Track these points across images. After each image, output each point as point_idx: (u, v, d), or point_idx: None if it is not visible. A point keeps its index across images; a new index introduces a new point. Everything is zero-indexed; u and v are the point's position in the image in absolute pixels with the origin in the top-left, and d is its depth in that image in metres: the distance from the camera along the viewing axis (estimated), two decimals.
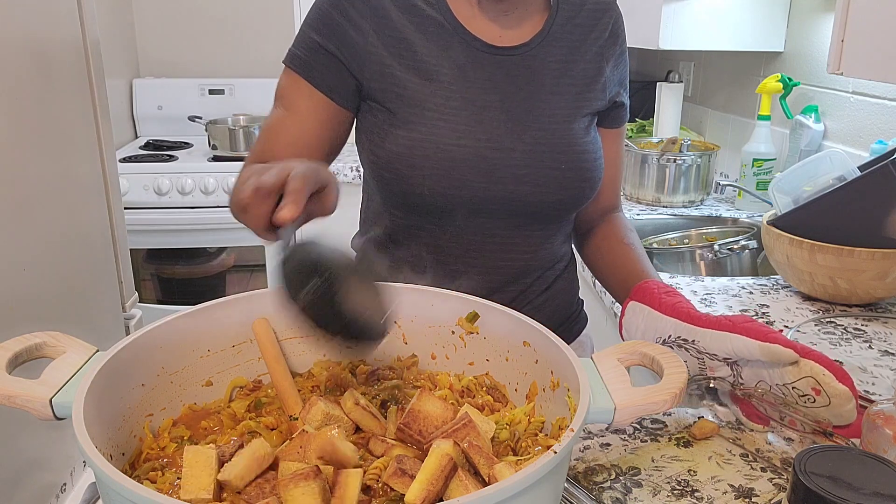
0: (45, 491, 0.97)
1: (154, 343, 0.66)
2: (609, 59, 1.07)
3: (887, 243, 1.21)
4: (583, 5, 1.05)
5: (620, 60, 1.09)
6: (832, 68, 1.20)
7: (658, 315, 0.90)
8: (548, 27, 1.02)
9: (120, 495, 0.46)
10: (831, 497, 0.52)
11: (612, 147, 1.11)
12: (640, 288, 0.94)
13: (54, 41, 1.16)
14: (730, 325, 0.83)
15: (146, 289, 2.74)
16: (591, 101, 1.04)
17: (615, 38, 1.08)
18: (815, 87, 1.94)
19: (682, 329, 0.86)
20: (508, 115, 0.98)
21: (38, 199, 1.10)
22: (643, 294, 0.93)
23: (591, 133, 1.05)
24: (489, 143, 0.97)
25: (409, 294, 0.76)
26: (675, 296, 0.91)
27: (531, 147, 0.99)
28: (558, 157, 1.00)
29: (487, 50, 0.99)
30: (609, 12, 1.07)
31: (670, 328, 0.88)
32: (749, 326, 0.82)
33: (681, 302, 0.89)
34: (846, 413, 0.78)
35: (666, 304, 0.90)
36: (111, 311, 1.41)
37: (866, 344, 1.15)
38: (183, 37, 3.17)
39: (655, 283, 0.94)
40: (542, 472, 0.48)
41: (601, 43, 1.05)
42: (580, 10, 1.05)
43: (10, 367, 0.58)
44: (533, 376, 0.69)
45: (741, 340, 0.81)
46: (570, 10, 1.04)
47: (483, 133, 0.97)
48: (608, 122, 1.10)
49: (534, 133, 0.99)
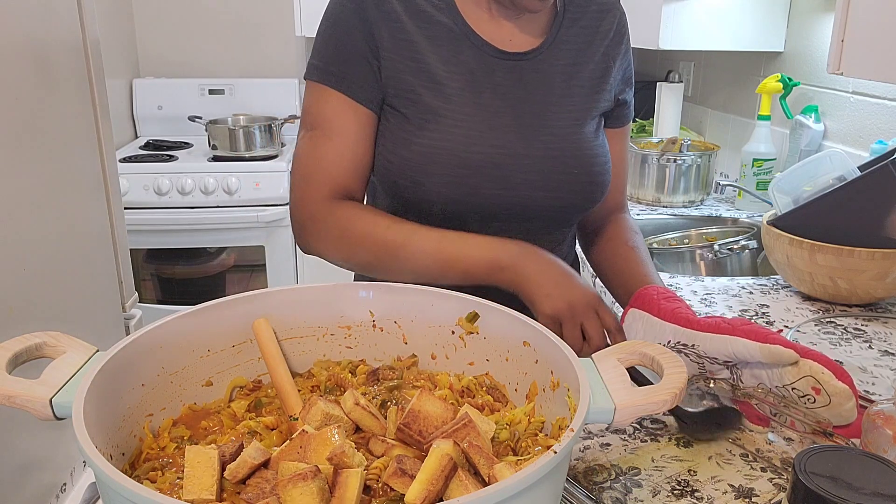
0: (45, 491, 0.97)
1: (154, 343, 0.66)
2: (615, 58, 1.06)
3: (887, 243, 1.21)
4: (587, 7, 1.05)
5: (625, 58, 1.09)
6: (832, 68, 1.20)
7: (657, 321, 0.90)
8: (555, 31, 1.02)
9: (120, 495, 0.46)
10: (831, 497, 0.52)
11: (616, 147, 1.11)
12: (640, 295, 0.94)
13: (54, 41, 1.16)
14: (729, 329, 0.83)
15: (146, 289, 2.74)
16: (599, 102, 1.04)
17: (620, 36, 1.07)
18: (815, 87, 1.94)
19: (681, 334, 0.86)
20: (520, 121, 0.98)
21: (38, 199, 1.10)
22: (643, 301, 0.93)
23: (599, 136, 1.05)
24: (502, 149, 0.96)
25: (409, 294, 0.76)
26: (674, 301, 0.91)
27: (543, 153, 0.98)
28: (570, 162, 1.00)
29: (498, 55, 0.98)
30: (613, 12, 1.07)
31: (669, 333, 0.88)
32: (749, 329, 0.82)
33: (680, 307, 0.89)
34: (846, 412, 0.78)
35: (665, 309, 0.90)
36: (111, 311, 1.41)
37: (866, 344, 1.15)
38: (183, 37, 3.17)
39: (655, 288, 0.94)
40: (542, 472, 0.48)
41: (607, 43, 1.05)
42: (585, 12, 1.04)
43: (10, 367, 0.58)
44: (533, 376, 0.69)
45: (741, 342, 0.81)
46: (576, 12, 1.04)
47: (496, 140, 0.96)
48: (613, 121, 1.10)
49: (545, 138, 0.99)
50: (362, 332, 0.77)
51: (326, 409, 0.62)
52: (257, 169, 2.66)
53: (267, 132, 2.77)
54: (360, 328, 0.77)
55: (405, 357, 0.78)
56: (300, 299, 0.75)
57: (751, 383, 0.84)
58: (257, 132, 2.75)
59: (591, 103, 1.03)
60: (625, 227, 1.11)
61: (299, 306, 0.75)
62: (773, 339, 0.81)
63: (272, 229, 2.69)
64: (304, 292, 0.76)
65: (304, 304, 0.75)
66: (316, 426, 0.61)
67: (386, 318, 0.77)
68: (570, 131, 1.00)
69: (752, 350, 0.80)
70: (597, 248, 1.13)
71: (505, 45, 0.99)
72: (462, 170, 0.95)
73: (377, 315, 0.77)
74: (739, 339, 0.81)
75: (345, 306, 0.77)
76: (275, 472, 0.55)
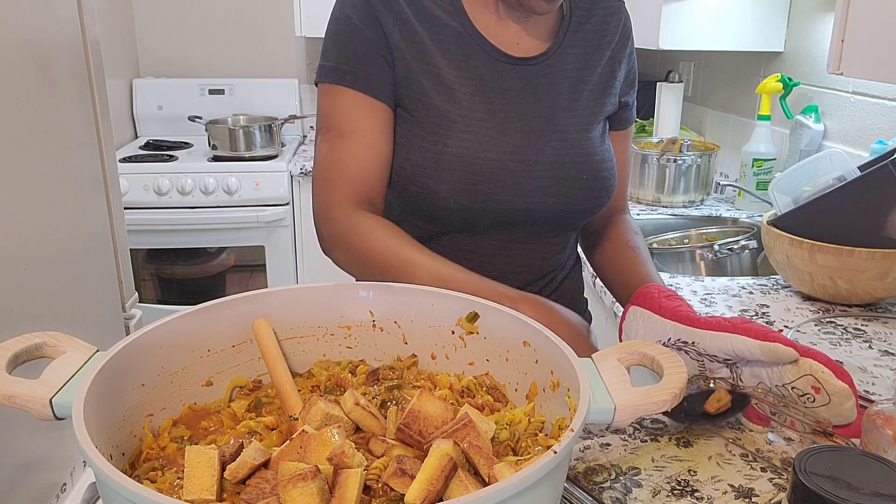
0: (45, 491, 0.97)
1: (154, 343, 0.66)
2: (621, 61, 1.06)
3: (887, 243, 1.21)
4: (593, 10, 1.04)
5: (630, 60, 1.09)
6: (832, 68, 1.20)
7: (657, 318, 0.90)
8: (562, 35, 1.01)
9: (120, 495, 0.46)
10: (831, 497, 0.52)
11: (619, 149, 1.11)
12: (641, 293, 0.94)
13: (54, 41, 1.16)
14: (729, 327, 0.83)
15: (146, 289, 2.74)
16: (605, 105, 1.04)
17: (625, 39, 1.07)
18: (815, 87, 1.94)
19: (681, 331, 0.86)
20: (529, 126, 0.97)
21: (38, 199, 1.10)
22: (644, 298, 0.93)
23: (605, 140, 1.05)
24: (513, 155, 0.96)
25: (409, 294, 0.76)
26: (675, 300, 0.91)
27: (553, 158, 0.98)
28: (579, 168, 1.00)
29: (507, 60, 0.97)
30: (619, 14, 1.07)
31: (670, 331, 0.88)
32: (748, 327, 0.82)
33: (681, 306, 0.89)
34: (846, 411, 0.78)
35: (666, 307, 0.90)
36: (111, 311, 1.40)
37: (866, 344, 1.15)
38: (183, 37, 3.17)
39: (657, 287, 0.94)
40: (542, 472, 0.48)
41: (613, 46, 1.05)
42: (591, 15, 1.04)
43: (10, 367, 0.58)
44: (533, 376, 0.69)
45: (741, 340, 0.81)
46: (582, 16, 1.03)
47: (507, 145, 0.96)
48: (616, 123, 1.10)
49: (555, 144, 0.98)
50: (362, 332, 0.77)
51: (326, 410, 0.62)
52: (257, 169, 2.66)
53: (267, 132, 2.77)
54: (360, 328, 0.77)
55: (405, 357, 0.78)
56: (300, 299, 0.75)
57: (751, 382, 0.84)
58: (257, 132, 2.74)
59: (597, 107, 1.03)
60: (626, 228, 1.12)
61: (299, 306, 0.75)
62: (773, 337, 0.81)
63: (272, 229, 2.70)
64: (304, 292, 0.76)
65: (304, 304, 0.75)
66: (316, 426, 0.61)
67: (386, 318, 0.77)
68: (579, 136, 1.00)
69: (751, 347, 0.80)
70: (598, 249, 1.13)
71: (512, 50, 0.98)
72: (474, 176, 0.94)
73: (377, 315, 0.77)
74: (739, 336, 0.81)
75: (345, 306, 0.77)
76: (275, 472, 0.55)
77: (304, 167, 2.64)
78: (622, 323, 0.95)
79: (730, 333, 0.82)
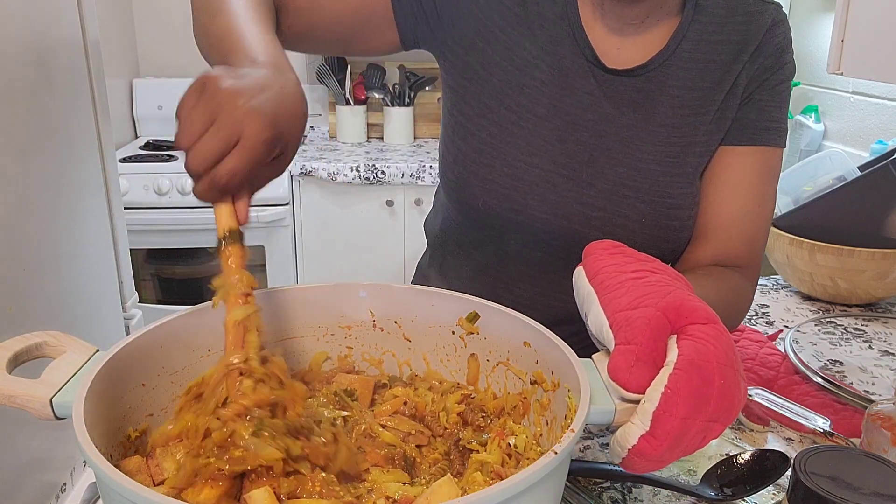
0: (45, 491, 0.97)
1: (154, 343, 0.66)
2: (762, 90, 0.83)
3: (887, 243, 1.21)
4: (729, 17, 0.84)
5: (776, 92, 0.84)
6: (832, 68, 1.20)
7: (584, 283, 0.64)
8: (674, 44, 0.83)
9: (120, 495, 0.46)
10: (831, 497, 0.52)
11: (736, 174, 0.84)
12: (586, 250, 0.67)
13: (54, 41, 1.16)
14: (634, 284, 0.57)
15: (146, 289, 2.74)
16: (710, 143, 0.84)
17: (775, 60, 0.84)
18: (815, 87, 1.94)
19: (586, 298, 0.62)
20: (599, 140, 0.82)
21: (38, 198, 1.09)
22: (586, 257, 0.66)
23: (694, 185, 0.85)
24: (565, 169, 0.82)
25: (409, 294, 0.76)
26: (621, 257, 0.62)
27: (612, 186, 0.82)
28: (640, 208, 0.82)
29: (596, 63, 0.83)
30: (774, 27, 0.85)
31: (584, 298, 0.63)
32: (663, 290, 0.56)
33: (625, 264, 0.61)
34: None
35: (595, 268, 0.62)
36: (111, 311, 1.40)
37: (866, 344, 1.15)
38: (183, 37, 3.16)
39: (610, 242, 0.67)
40: (543, 472, 0.48)
41: (756, 68, 0.83)
42: (725, 23, 0.83)
43: (10, 366, 0.58)
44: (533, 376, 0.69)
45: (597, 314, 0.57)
46: (710, 22, 0.83)
47: (561, 155, 0.82)
48: (737, 133, 0.85)
49: (621, 171, 0.82)
50: (362, 332, 0.77)
51: None
52: None
53: None
54: (360, 328, 0.77)
55: (405, 357, 0.78)
56: (300, 299, 0.75)
57: None
58: None
59: (695, 140, 0.83)
60: (723, 277, 0.82)
61: (299, 306, 0.75)
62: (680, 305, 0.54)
63: (272, 229, 2.70)
64: (304, 292, 0.75)
65: (304, 304, 0.75)
66: None
67: (386, 318, 0.77)
68: (658, 169, 0.82)
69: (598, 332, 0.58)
70: None
71: (610, 53, 0.83)
72: (512, 180, 0.82)
73: (377, 315, 0.77)
74: (600, 309, 0.58)
75: (345, 306, 0.77)
76: None
77: (304, 167, 2.64)
78: None
79: (602, 308, 0.58)
